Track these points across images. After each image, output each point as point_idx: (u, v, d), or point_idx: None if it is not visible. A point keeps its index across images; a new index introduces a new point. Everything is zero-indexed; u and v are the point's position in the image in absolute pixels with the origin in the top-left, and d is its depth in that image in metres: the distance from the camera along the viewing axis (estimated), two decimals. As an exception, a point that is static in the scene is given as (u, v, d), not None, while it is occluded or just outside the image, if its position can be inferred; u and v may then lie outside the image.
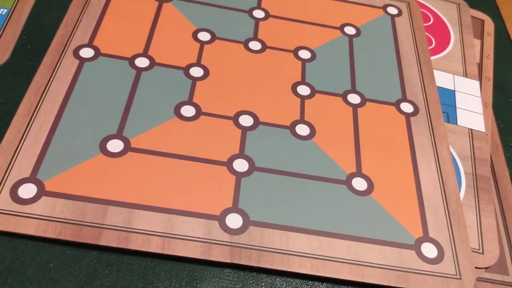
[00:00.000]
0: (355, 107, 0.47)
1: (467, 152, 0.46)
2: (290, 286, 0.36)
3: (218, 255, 0.35)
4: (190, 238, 0.36)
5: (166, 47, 0.48)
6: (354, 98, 0.48)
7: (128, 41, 0.47)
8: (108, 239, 0.35)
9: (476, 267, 0.39)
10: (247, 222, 0.37)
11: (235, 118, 0.44)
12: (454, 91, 0.52)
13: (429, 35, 0.57)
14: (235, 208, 0.38)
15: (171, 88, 0.45)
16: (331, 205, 0.40)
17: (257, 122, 0.44)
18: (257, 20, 0.53)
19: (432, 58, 0.54)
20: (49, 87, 0.42)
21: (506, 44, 0.60)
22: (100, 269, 0.35)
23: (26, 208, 0.35)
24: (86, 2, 0.49)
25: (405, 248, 0.38)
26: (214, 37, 0.50)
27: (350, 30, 0.54)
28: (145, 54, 0.47)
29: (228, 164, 0.40)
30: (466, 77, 0.54)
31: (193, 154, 0.40)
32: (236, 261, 0.35)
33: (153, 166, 0.39)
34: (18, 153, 0.38)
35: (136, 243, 0.35)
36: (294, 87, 0.47)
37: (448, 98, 0.51)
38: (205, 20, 0.51)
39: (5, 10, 0.48)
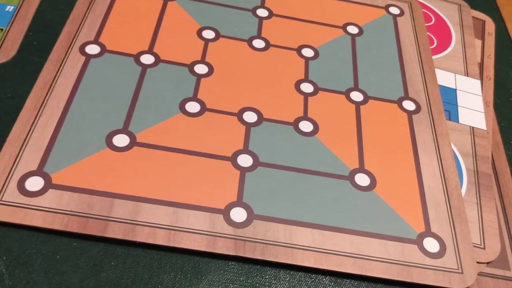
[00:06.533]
0: (357, 104, 0.48)
1: (469, 149, 0.47)
2: (294, 279, 0.37)
3: (222, 248, 0.36)
4: (195, 231, 0.36)
5: (171, 44, 0.48)
6: (356, 96, 0.48)
7: (134, 38, 0.48)
8: (114, 231, 0.35)
9: (477, 262, 0.39)
10: (251, 216, 0.38)
11: (239, 115, 0.44)
12: (456, 89, 0.52)
13: (431, 35, 0.58)
14: (239, 202, 0.38)
15: (176, 84, 0.45)
16: (334, 200, 0.40)
17: (261, 119, 0.44)
18: (261, 19, 0.53)
19: (434, 57, 0.55)
20: (56, 82, 0.43)
21: (506, 44, 0.61)
22: (106, 260, 0.35)
23: (33, 201, 0.36)
24: (92, -1, 0.50)
25: (407, 242, 0.39)
26: (218, 35, 0.50)
27: (352, 29, 0.55)
28: (150, 51, 0.47)
29: (233, 159, 0.41)
30: (467, 76, 0.54)
31: (198, 149, 0.41)
32: (241, 254, 0.36)
33: (159, 161, 0.39)
34: (25, 146, 0.38)
35: (142, 236, 0.35)
36: (297, 85, 0.48)
37: (449, 96, 0.51)
38: (209, 19, 0.52)
39: (12, 7, 0.49)
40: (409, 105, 0.49)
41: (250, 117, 0.44)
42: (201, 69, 0.47)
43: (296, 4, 0.56)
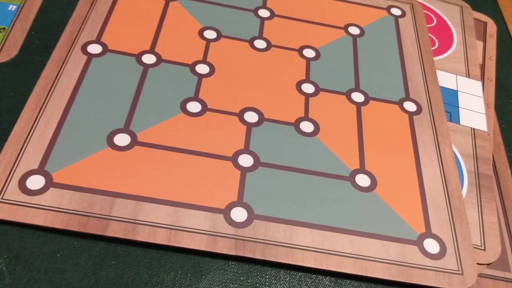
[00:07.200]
0: (358, 105, 0.48)
1: (470, 151, 0.47)
2: (294, 279, 0.37)
3: (223, 247, 0.36)
4: (196, 230, 0.36)
5: (173, 44, 0.48)
6: (358, 97, 0.48)
7: (135, 38, 0.48)
8: (115, 230, 0.35)
9: (478, 263, 0.39)
10: (252, 216, 0.38)
11: (240, 115, 0.44)
12: (457, 91, 0.52)
13: (432, 36, 0.58)
14: (240, 202, 0.38)
15: (178, 84, 0.45)
16: (334, 201, 0.40)
17: (262, 119, 0.44)
18: (262, 19, 0.53)
19: (435, 58, 0.55)
20: (57, 81, 0.43)
21: (508, 46, 0.61)
22: (106, 259, 0.35)
23: (34, 199, 0.36)
24: (94, -1, 0.50)
25: (407, 243, 0.39)
26: (220, 35, 0.50)
27: (354, 30, 0.55)
28: (152, 51, 0.47)
29: (233, 159, 0.41)
30: (468, 77, 0.54)
31: (199, 149, 0.41)
32: (241, 253, 0.36)
33: (160, 160, 0.40)
34: (27, 145, 0.38)
35: (143, 235, 0.35)
36: (298, 85, 0.48)
37: (451, 98, 0.51)
38: (211, 19, 0.52)
39: (15, 6, 0.49)
40: (410, 106, 0.49)
41: (251, 117, 0.44)
42: (202, 69, 0.47)
43: (298, 4, 0.56)
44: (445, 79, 0.53)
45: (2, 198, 0.35)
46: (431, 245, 0.39)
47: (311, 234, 0.38)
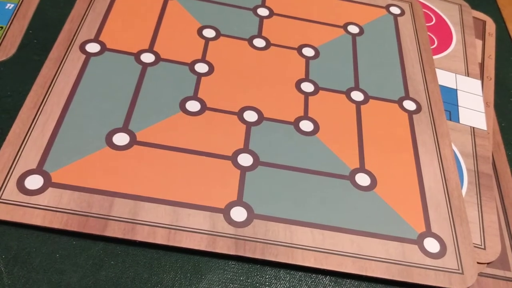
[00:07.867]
0: (358, 104, 0.47)
1: (469, 150, 0.47)
2: (294, 279, 0.37)
3: (223, 247, 0.36)
4: (195, 230, 0.36)
5: (172, 43, 0.48)
6: (357, 95, 0.48)
7: (134, 37, 0.48)
8: (114, 230, 0.35)
9: (478, 262, 0.39)
10: (252, 215, 0.38)
11: (239, 114, 0.44)
12: (456, 90, 0.52)
13: (432, 35, 0.58)
14: (239, 201, 0.38)
15: (177, 83, 0.45)
16: (334, 200, 0.40)
17: (261, 118, 0.44)
18: (262, 18, 0.53)
19: (435, 57, 0.55)
20: (56, 80, 0.43)
21: (507, 45, 0.61)
22: (106, 259, 0.35)
23: (32, 199, 0.35)
24: (93, -3, 0.50)
25: (408, 242, 0.39)
26: (219, 34, 0.50)
27: (353, 29, 0.55)
28: (150, 49, 0.47)
29: (233, 158, 0.41)
30: (468, 76, 0.54)
31: (198, 148, 0.41)
32: (241, 253, 0.36)
33: (159, 160, 0.39)
34: (25, 145, 0.38)
35: (142, 235, 0.35)
36: (298, 84, 0.48)
37: (450, 96, 0.51)
38: (210, 17, 0.52)
39: (12, 5, 0.49)
40: (409, 105, 0.48)
41: (250, 116, 0.44)
42: (201, 68, 0.47)
43: (297, 3, 0.56)
44: (445, 78, 0.53)
45: (0, 198, 0.35)
46: (431, 244, 0.39)
47: (311, 234, 0.38)
